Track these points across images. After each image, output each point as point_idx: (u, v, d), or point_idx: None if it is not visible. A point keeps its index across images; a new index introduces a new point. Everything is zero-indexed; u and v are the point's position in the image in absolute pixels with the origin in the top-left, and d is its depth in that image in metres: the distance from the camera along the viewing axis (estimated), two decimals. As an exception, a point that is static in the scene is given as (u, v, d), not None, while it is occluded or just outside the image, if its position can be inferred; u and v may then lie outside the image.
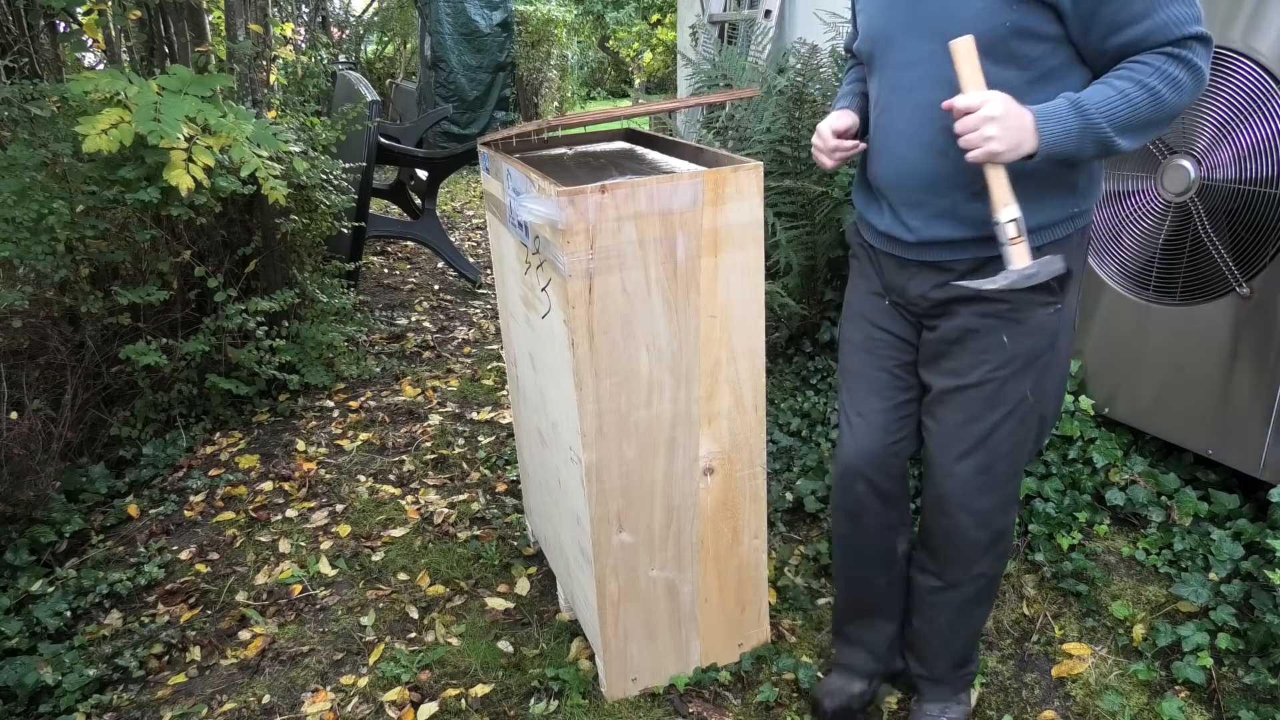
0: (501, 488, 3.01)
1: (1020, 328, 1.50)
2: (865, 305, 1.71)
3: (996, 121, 1.32)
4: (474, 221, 7.10)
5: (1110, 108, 1.31)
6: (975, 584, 1.73)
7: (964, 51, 1.36)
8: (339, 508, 2.91)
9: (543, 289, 1.82)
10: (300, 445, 3.30)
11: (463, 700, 2.06)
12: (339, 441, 3.34)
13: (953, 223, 1.50)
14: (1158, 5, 1.29)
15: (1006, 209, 1.37)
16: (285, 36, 5.41)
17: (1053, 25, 1.35)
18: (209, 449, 3.27)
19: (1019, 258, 1.38)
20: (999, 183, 1.38)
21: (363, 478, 3.09)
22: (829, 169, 1.66)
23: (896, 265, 1.61)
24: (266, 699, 2.11)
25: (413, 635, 2.31)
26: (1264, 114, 1.94)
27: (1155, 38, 1.30)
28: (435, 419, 3.52)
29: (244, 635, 2.33)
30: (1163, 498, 2.25)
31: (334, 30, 10.06)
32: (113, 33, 3.55)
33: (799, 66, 3.19)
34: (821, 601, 2.30)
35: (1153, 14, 1.29)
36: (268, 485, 3.03)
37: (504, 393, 3.76)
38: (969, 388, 1.56)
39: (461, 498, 2.95)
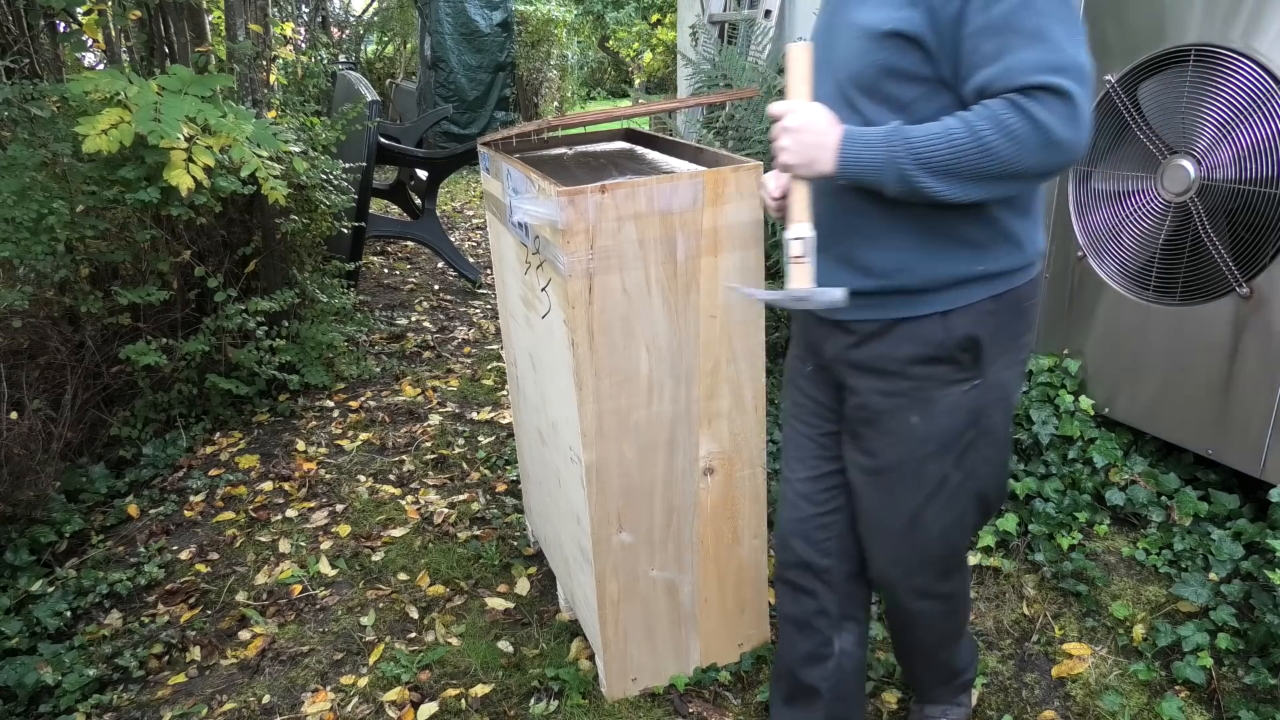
0: (501, 488, 3.01)
1: (931, 407, 1.39)
2: (792, 369, 1.65)
3: (791, 133, 1.26)
4: (474, 221, 7.10)
5: (927, 145, 1.19)
6: (942, 644, 1.70)
7: (793, 56, 1.31)
8: (339, 508, 2.91)
9: (543, 289, 1.82)
10: (300, 445, 3.30)
11: (463, 700, 2.06)
12: (339, 441, 3.34)
13: (851, 271, 1.40)
14: (1009, 48, 1.15)
15: (796, 226, 1.32)
16: (285, 36, 5.41)
17: (925, 66, 1.24)
18: (209, 449, 3.27)
19: (796, 279, 1.32)
20: (797, 197, 1.32)
21: (363, 478, 3.09)
22: (777, 220, 1.61)
23: (815, 322, 1.52)
24: (266, 699, 2.11)
25: (413, 635, 2.31)
26: (1264, 114, 1.94)
27: (1000, 83, 1.16)
28: (435, 419, 3.52)
29: (244, 635, 2.33)
30: (1163, 498, 2.25)
31: (334, 30, 10.06)
32: (113, 33, 3.55)
33: (799, 66, 3.18)
34: (821, 601, 2.30)
35: (1002, 57, 1.16)
36: (268, 485, 3.03)
37: (504, 393, 3.76)
38: (886, 471, 1.46)
39: (461, 498, 2.95)
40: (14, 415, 2.67)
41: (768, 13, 4.12)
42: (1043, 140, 1.14)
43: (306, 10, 8.21)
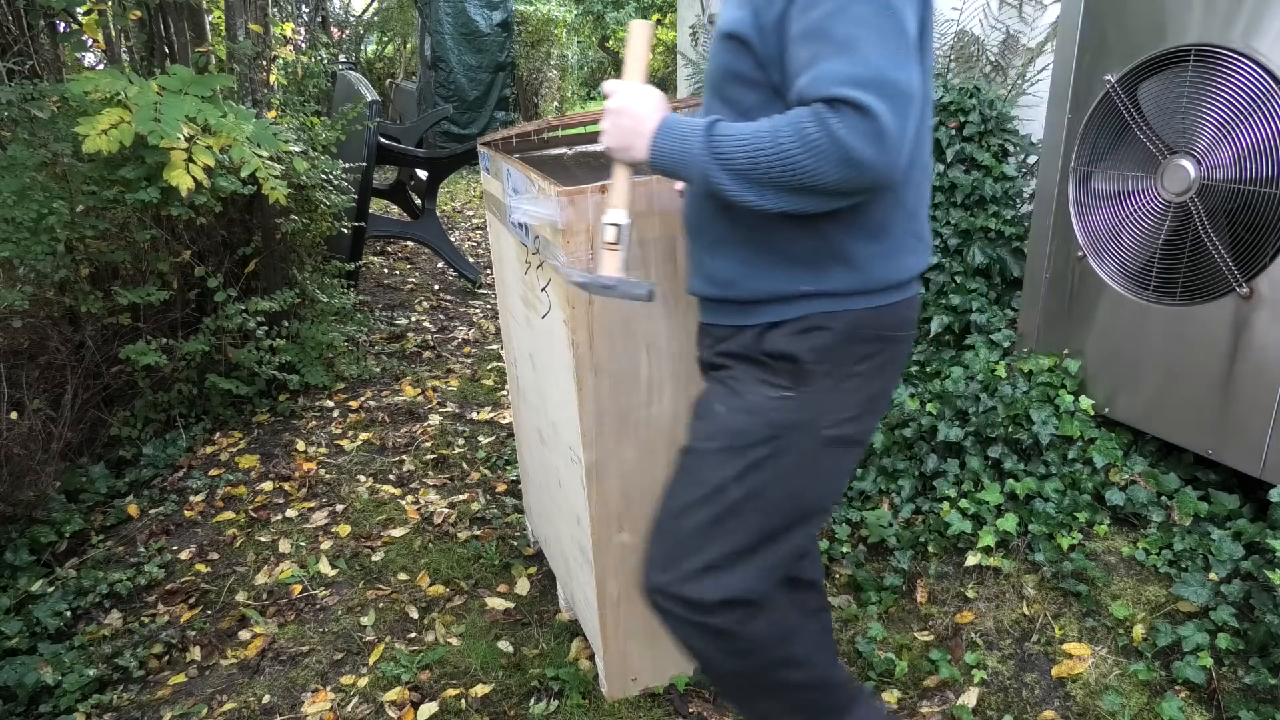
0: (501, 488, 3.01)
1: (734, 400, 1.32)
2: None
3: (611, 115, 1.25)
4: (474, 221, 7.10)
5: (731, 145, 1.15)
6: (753, 698, 1.43)
7: (632, 34, 1.29)
8: (339, 508, 2.91)
9: (543, 289, 1.82)
10: (300, 445, 3.30)
11: (463, 700, 2.06)
12: (339, 441, 3.34)
13: (700, 277, 1.38)
14: (820, 56, 1.09)
15: (613, 212, 1.31)
16: (285, 36, 5.41)
17: (758, 71, 1.21)
18: (209, 449, 3.27)
19: (606, 265, 1.32)
20: (618, 181, 1.31)
21: (363, 478, 3.09)
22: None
23: (699, 326, 1.49)
24: (266, 699, 2.11)
25: (413, 635, 2.31)
26: (1264, 114, 1.94)
27: (810, 93, 1.09)
28: (435, 419, 3.52)
29: (244, 635, 2.33)
30: (1163, 498, 2.25)
31: (334, 30, 10.05)
32: (113, 33, 3.55)
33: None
34: (821, 601, 2.30)
35: (813, 65, 1.09)
36: (268, 485, 3.03)
37: (504, 393, 3.76)
38: (684, 454, 1.38)
39: (461, 498, 2.95)
40: (14, 415, 2.67)
41: (768, 13, 4.12)
42: (840, 157, 1.07)
43: (306, 10, 8.21)
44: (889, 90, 1.06)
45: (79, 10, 3.41)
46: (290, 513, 2.89)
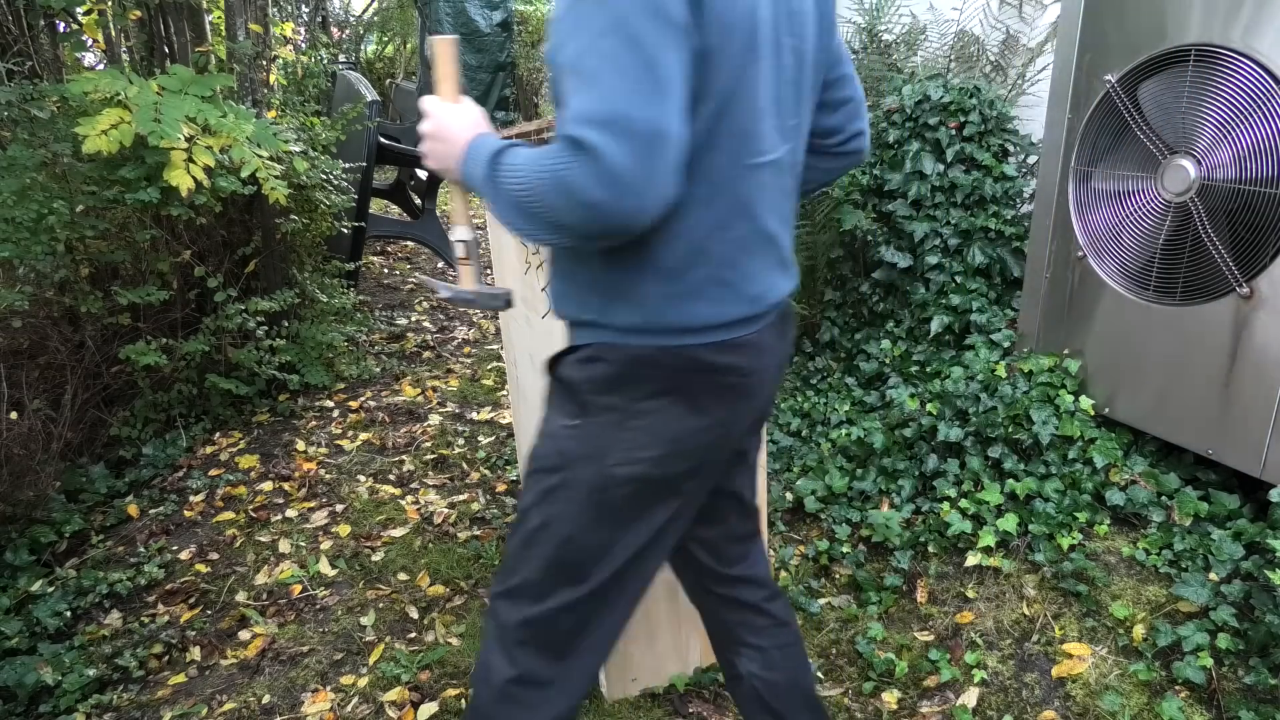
0: (501, 488, 3.01)
1: (545, 425, 1.29)
2: None
3: (427, 137, 1.23)
4: (474, 221, 7.09)
5: (507, 173, 1.10)
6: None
7: (438, 52, 1.25)
8: (339, 508, 2.91)
9: (543, 289, 1.82)
10: (300, 445, 3.30)
11: (463, 700, 2.06)
12: (339, 441, 3.34)
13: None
14: (570, 91, 1.02)
15: (457, 229, 1.32)
16: (285, 36, 5.41)
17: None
18: (209, 449, 3.27)
19: (463, 279, 1.35)
20: (456, 200, 1.32)
21: (363, 478, 3.09)
22: None
23: None
24: (266, 699, 2.11)
25: (413, 635, 2.31)
26: (1264, 114, 1.94)
27: (560, 129, 1.03)
28: (435, 419, 3.52)
29: (244, 635, 2.33)
30: (1163, 498, 2.25)
31: (334, 30, 10.05)
32: (113, 33, 3.55)
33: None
34: (821, 602, 2.30)
35: (565, 101, 1.03)
36: (268, 485, 3.03)
37: (504, 393, 3.76)
38: None
39: (461, 498, 2.95)
40: (14, 415, 2.67)
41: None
42: (572, 200, 1.00)
43: (306, 10, 8.21)
44: (626, 129, 0.98)
45: (79, 10, 3.41)
46: (290, 513, 2.89)
